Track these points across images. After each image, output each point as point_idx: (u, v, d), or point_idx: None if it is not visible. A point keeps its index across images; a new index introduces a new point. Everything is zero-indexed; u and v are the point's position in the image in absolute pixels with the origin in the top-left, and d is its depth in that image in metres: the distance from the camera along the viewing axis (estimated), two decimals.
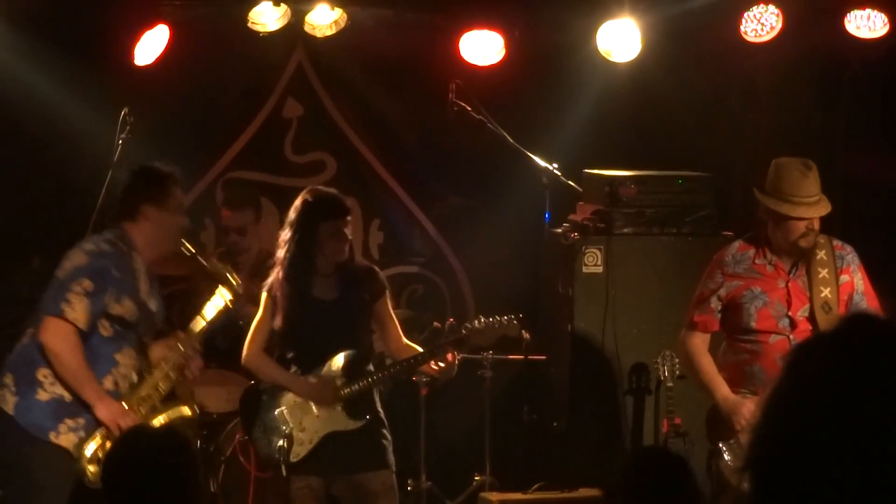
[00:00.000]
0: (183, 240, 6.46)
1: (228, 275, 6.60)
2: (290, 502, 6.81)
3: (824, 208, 6.59)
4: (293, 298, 6.78)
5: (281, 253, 6.84)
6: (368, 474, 6.76)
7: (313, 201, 6.82)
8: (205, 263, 6.59)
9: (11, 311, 8.64)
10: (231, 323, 7.74)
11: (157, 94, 8.33)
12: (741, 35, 8.72)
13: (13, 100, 8.34)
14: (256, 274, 7.74)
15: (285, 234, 6.85)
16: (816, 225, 6.61)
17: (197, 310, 6.61)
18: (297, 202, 6.90)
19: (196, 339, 6.46)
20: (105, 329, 6.13)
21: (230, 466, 7.61)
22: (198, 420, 6.86)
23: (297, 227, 6.79)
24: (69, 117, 8.32)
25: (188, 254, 6.48)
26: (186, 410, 6.41)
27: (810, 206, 6.57)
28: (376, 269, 7.06)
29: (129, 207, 6.33)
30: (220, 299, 6.56)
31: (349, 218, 6.86)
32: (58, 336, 6.04)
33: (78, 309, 6.04)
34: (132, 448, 4.17)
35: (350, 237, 6.87)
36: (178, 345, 6.40)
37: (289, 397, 6.89)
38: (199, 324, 6.51)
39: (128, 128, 7.25)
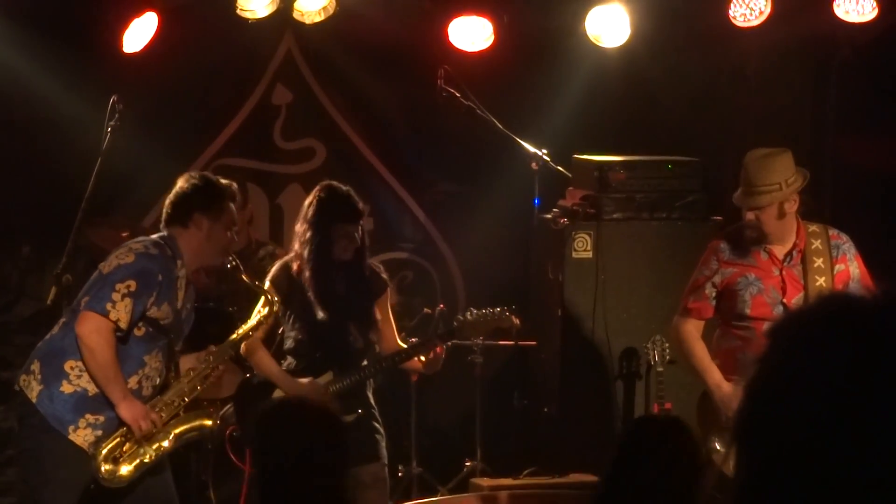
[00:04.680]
0: (230, 255, 6.48)
1: (268, 294, 6.62)
2: None
3: (768, 199, 6.59)
4: (302, 293, 6.80)
5: (298, 247, 6.85)
6: (359, 467, 6.76)
7: (328, 200, 6.81)
8: (245, 279, 6.59)
9: (1, 299, 8.65)
10: (221, 310, 7.75)
11: (145, 82, 8.32)
12: (730, 20, 8.70)
13: (1, 87, 8.33)
14: (247, 264, 7.73)
15: (302, 230, 6.86)
16: (766, 216, 6.62)
17: (234, 326, 6.64)
18: (311, 197, 6.89)
19: (228, 353, 6.50)
20: (139, 330, 6.16)
21: (221, 454, 7.60)
22: (217, 432, 6.83)
23: (313, 225, 6.80)
24: (58, 105, 8.31)
25: (230, 267, 6.49)
26: (208, 421, 6.41)
27: (751, 196, 6.62)
28: (380, 268, 7.07)
29: (181, 214, 6.31)
30: (256, 316, 6.58)
31: (362, 222, 6.88)
32: (97, 332, 6.04)
33: (121, 309, 6.05)
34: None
35: (359, 239, 6.87)
36: (210, 357, 6.42)
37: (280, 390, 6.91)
38: (233, 338, 6.54)
39: (116, 115, 7.22)
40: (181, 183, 6.37)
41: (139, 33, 8.20)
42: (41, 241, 8.41)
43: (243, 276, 6.56)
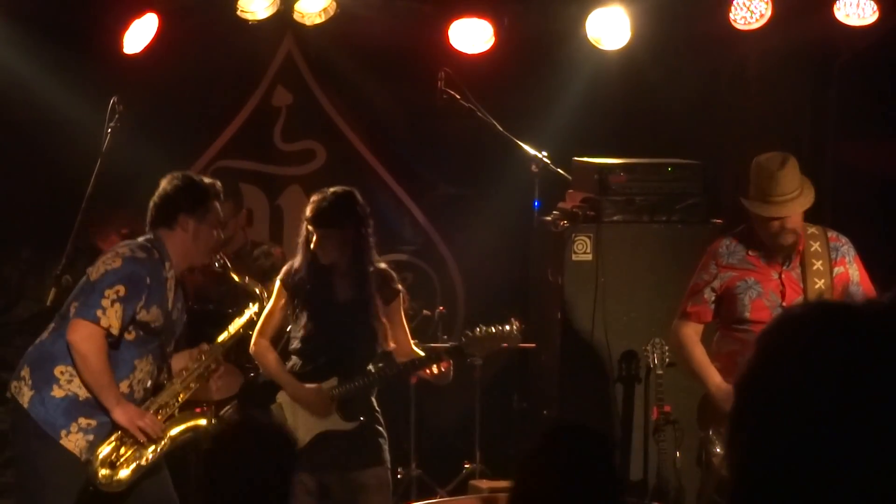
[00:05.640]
0: (218, 254, 6.48)
1: (257, 290, 6.62)
2: None
3: (799, 205, 6.56)
4: (309, 294, 6.80)
5: (299, 247, 6.87)
6: (362, 471, 6.76)
7: (311, 206, 6.80)
8: (235, 278, 6.58)
9: (1, 301, 8.65)
10: (221, 311, 7.74)
11: (146, 83, 8.32)
12: (730, 23, 8.71)
13: (1, 88, 8.32)
14: (243, 265, 7.73)
15: (300, 232, 6.89)
16: (792, 223, 6.58)
17: (224, 325, 6.64)
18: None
19: (220, 351, 6.47)
20: (129, 334, 6.15)
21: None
22: (214, 432, 6.83)
23: (304, 226, 6.83)
24: (58, 106, 8.31)
25: (219, 267, 6.48)
26: (203, 421, 6.41)
27: (781, 204, 6.55)
28: (392, 273, 7.02)
29: (166, 216, 6.30)
30: (247, 314, 6.58)
31: (332, 229, 6.75)
32: (88, 339, 6.04)
33: (111, 314, 6.05)
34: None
35: (336, 245, 6.78)
36: (202, 356, 6.41)
37: (285, 393, 6.90)
38: (224, 337, 6.53)
39: (116, 117, 7.23)
40: (164, 184, 6.36)
41: (139, 34, 8.20)
42: (41, 242, 8.40)
43: (233, 275, 6.56)
